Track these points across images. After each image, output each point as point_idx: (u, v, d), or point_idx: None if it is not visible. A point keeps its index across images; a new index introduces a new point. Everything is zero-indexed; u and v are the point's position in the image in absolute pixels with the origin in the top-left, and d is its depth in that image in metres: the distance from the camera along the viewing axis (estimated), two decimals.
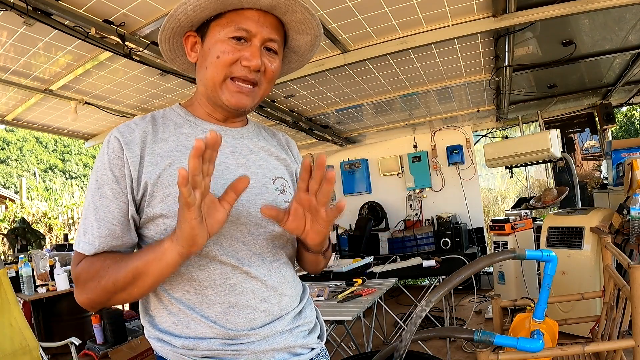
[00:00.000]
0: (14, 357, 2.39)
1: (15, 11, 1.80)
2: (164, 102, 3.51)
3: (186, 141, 0.85)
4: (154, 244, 0.75)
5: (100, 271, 0.76)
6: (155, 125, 0.86)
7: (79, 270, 0.78)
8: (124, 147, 0.80)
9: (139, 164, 0.80)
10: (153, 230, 0.82)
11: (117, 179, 0.79)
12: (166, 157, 0.82)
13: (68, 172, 19.03)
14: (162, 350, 0.83)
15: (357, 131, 5.45)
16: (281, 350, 0.86)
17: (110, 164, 0.79)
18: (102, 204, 0.78)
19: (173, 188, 0.79)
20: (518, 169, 4.61)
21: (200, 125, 0.89)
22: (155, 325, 0.84)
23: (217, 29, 0.83)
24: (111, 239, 0.79)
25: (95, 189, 0.79)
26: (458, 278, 0.93)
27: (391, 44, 2.70)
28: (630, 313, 1.42)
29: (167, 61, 0.98)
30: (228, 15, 0.82)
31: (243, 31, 0.82)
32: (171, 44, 0.91)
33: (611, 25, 2.84)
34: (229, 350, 0.81)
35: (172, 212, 0.79)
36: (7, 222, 8.06)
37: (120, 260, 0.76)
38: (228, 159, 0.87)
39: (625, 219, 2.49)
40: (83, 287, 0.77)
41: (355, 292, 2.70)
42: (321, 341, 0.97)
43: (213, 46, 0.83)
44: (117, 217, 0.79)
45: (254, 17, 0.82)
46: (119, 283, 0.74)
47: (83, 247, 0.78)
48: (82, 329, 3.76)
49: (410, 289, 4.00)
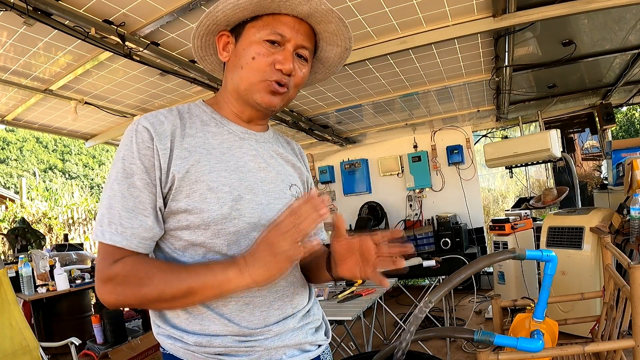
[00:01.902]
0: (14, 357, 2.39)
1: (15, 11, 1.80)
2: (164, 102, 3.51)
3: (212, 140, 0.86)
4: (213, 266, 0.76)
5: (144, 279, 0.74)
6: (182, 120, 0.86)
7: (117, 271, 0.75)
8: (154, 138, 0.79)
9: (169, 157, 0.79)
10: (173, 225, 0.81)
11: (147, 169, 0.78)
12: (194, 153, 0.82)
13: (68, 172, 19.02)
14: (172, 347, 0.82)
15: (357, 131, 5.45)
16: (292, 346, 0.88)
17: (139, 154, 0.78)
18: (131, 194, 0.77)
19: (200, 185, 0.79)
20: (518, 169, 4.61)
21: (226, 125, 0.90)
22: (167, 321, 0.83)
23: (252, 31, 0.85)
24: (142, 230, 0.77)
25: (123, 178, 0.77)
26: (458, 278, 0.93)
27: (391, 44, 2.70)
28: (630, 313, 1.42)
29: (196, 58, 0.98)
30: (265, 18, 0.84)
31: (278, 35, 0.83)
32: (204, 42, 0.92)
33: (611, 25, 2.84)
34: (242, 347, 0.81)
35: (196, 208, 0.79)
36: (7, 222, 8.05)
37: (169, 271, 0.75)
38: (251, 161, 0.89)
39: (625, 219, 2.49)
40: (115, 288, 0.75)
41: (355, 292, 2.70)
42: (327, 338, 0.99)
43: (248, 47, 0.84)
44: (148, 209, 0.78)
45: (290, 23, 0.84)
46: (166, 295, 0.74)
47: (112, 238, 0.75)
48: (82, 329, 3.76)
49: (410, 289, 4.01)
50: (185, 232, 0.81)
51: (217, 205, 0.80)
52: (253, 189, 0.86)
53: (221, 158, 0.84)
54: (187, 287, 0.74)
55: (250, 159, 0.89)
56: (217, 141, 0.86)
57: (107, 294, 0.76)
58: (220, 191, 0.81)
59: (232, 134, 0.89)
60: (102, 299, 0.77)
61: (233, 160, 0.86)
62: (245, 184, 0.84)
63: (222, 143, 0.86)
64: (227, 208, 0.80)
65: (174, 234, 0.82)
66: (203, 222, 0.79)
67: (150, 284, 0.74)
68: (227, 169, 0.84)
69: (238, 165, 0.86)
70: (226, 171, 0.83)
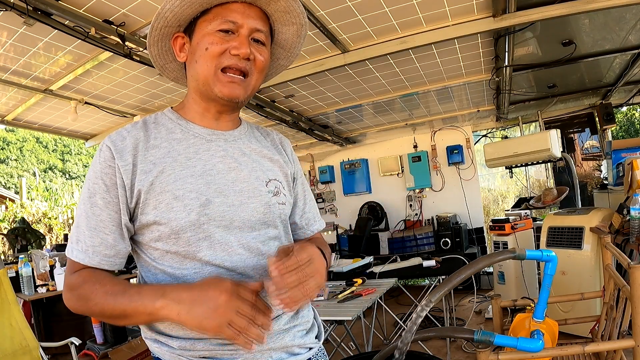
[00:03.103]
0: (14, 357, 2.39)
1: (15, 11, 1.80)
2: (164, 102, 3.51)
3: (178, 146, 0.85)
4: (143, 292, 0.76)
5: (89, 294, 0.77)
6: (147, 132, 0.86)
7: (72, 281, 0.80)
8: (115, 156, 0.80)
9: (132, 172, 0.80)
10: (147, 237, 0.82)
11: (108, 188, 0.80)
12: (158, 164, 0.82)
13: (68, 172, 19.02)
14: (159, 351, 0.83)
15: (357, 131, 5.45)
16: (278, 349, 0.86)
17: (101, 173, 0.80)
18: (93, 213, 0.79)
19: (165, 195, 0.80)
20: (518, 169, 4.61)
21: (192, 129, 0.89)
22: (152, 326, 0.84)
23: (204, 25, 0.84)
24: (104, 248, 0.80)
25: (87, 198, 0.80)
26: (458, 278, 0.93)
27: (391, 44, 2.70)
28: (630, 313, 1.42)
29: (158, 69, 0.97)
30: (214, 10, 0.84)
31: (230, 23, 0.83)
32: (160, 48, 0.91)
33: (611, 25, 2.83)
34: (226, 350, 0.81)
35: (165, 218, 0.80)
36: (7, 222, 8.06)
37: (110, 290, 0.77)
38: (220, 163, 0.87)
39: (625, 219, 2.49)
40: (72, 295, 0.80)
41: (355, 292, 2.70)
42: (319, 341, 0.97)
43: (201, 40, 0.84)
44: (109, 227, 0.80)
45: (240, 9, 0.83)
46: (106, 313, 0.77)
47: (77, 255, 0.80)
48: (82, 329, 3.76)
49: (410, 289, 4.00)
50: (159, 242, 0.82)
51: (184, 213, 0.80)
52: (223, 191, 0.84)
53: (187, 164, 0.84)
54: (121, 309, 0.76)
55: (219, 161, 0.87)
56: (183, 147, 0.85)
57: (67, 300, 0.81)
58: (186, 198, 0.80)
59: (199, 138, 0.88)
60: (66, 304, 0.82)
61: (200, 164, 0.85)
62: (213, 187, 0.83)
63: (187, 148, 0.86)
64: (195, 214, 0.80)
65: (149, 244, 0.83)
66: (172, 231, 0.80)
67: (94, 299, 0.77)
68: (194, 174, 0.83)
69: (205, 169, 0.85)
70: (192, 177, 0.83)
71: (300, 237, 1.05)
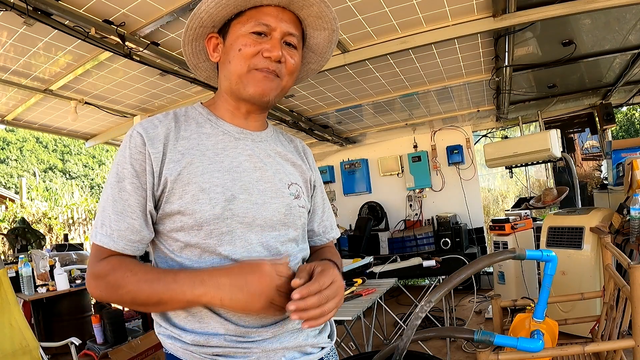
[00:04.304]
0: (14, 357, 2.39)
1: (15, 11, 1.80)
2: (164, 102, 3.51)
3: (207, 141, 0.87)
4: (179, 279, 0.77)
5: (120, 281, 0.77)
6: (177, 123, 0.87)
7: (100, 269, 0.79)
8: (146, 143, 0.81)
9: (161, 160, 0.81)
10: (169, 227, 0.83)
11: (137, 173, 0.80)
12: (187, 155, 0.83)
13: (68, 172, 19.02)
14: (172, 347, 0.83)
15: (357, 131, 5.45)
16: (292, 349, 0.87)
17: (131, 159, 0.80)
18: (121, 197, 0.80)
19: (192, 186, 0.81)
20: (518, 169, 4.61)
21: (221, 126, 0.90)
22: (168, 319, 0.84)
23: (238, 27, 0.86)
24: (129, 233, 0.80)
25: (115, 182, 0.80)
26: (458, 278, 0.93)
27: (391, 44, 2.70)
28: (630, 313, 1.42)
29: (190, 68, 0.99)
30: (248, 12, 0.85)
31: (263, 26, 0.84)
32: (194, 48, 0.93)
33: (611, 25, 2.84)
34: (239, 347, 0.81)
35: (189, 209, 0.80)
36: (7, 222, 8.05)
37: (143, 279, 0.77)
38: (246, 161, 0.89)
39: (625, 219, 2.49)
40: (99, 284, 0.79)
41: (355, 292, 2.70)
42: (331, 340, 0.98)
43: (235, 41, 0.86)
44: (136, 212, 0.80)
45: (273, 13, 0.85)
46: (138, 300, 0.77)
47: (101, 239, 0.79)
48: (82, 329, 3.76)
49: (410, 289, 4.00)
50: (180, 233, 0.82)
51: (209, 205, 0.81)
52: (248, 189, 0.86)
53: (215, 159, 0.85)
54: (157, 297, 0.76)
55: (246, 159, 0.89)
56: (212, 142, 0.87)
57: (93, 288, 0.80)
58: (212, 192, 0.81)
59: (227, 135, 0.90)
60: (90, 292, 0.81)
61: (227, 160, 0.86)
62: (239, 184, 0.85)
63: (216, 144, 0.87)
64: (220, 208, 0.81)
65: (170, 235, 0.83)
66: (196, 223, 0.80)
67: (125, 286, 0.76)
68: (221, 169, 0.84)
69: (232, 165, 0.86)
70: (219, 172, 0.84)
71: (316, 244, 1.07)
